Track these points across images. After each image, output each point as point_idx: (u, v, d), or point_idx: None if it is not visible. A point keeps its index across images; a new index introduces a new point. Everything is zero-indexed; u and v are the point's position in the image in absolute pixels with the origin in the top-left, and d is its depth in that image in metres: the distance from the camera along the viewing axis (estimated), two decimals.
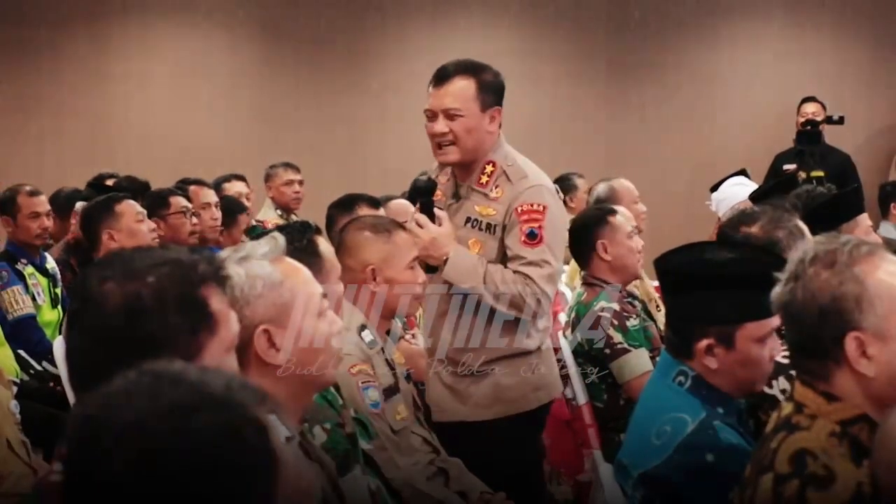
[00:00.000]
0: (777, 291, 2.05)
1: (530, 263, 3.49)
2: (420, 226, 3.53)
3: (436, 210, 3.57)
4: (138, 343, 1.69)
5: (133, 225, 4.79)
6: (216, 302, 1.76)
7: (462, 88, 3.57)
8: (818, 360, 2.00)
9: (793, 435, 1.98)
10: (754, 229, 3.38)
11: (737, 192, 5.56)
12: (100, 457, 1.20)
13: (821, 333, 1.98)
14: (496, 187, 3.58)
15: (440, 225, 3.54)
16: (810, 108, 8.39)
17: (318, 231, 2.96)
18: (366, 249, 3.40)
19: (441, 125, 3.55)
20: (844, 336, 1.96)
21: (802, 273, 2.01)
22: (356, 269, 3.39)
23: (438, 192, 3.66)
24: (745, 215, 3.56)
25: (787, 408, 2.05)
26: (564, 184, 7.45)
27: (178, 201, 5.53)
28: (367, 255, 3.39)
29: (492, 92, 3.63)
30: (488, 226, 3.57)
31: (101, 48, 9.32)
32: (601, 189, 5.80)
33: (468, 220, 3.60)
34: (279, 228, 3.02)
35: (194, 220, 5.61)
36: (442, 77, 3.61)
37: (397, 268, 3.39)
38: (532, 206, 3.54)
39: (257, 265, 2.24)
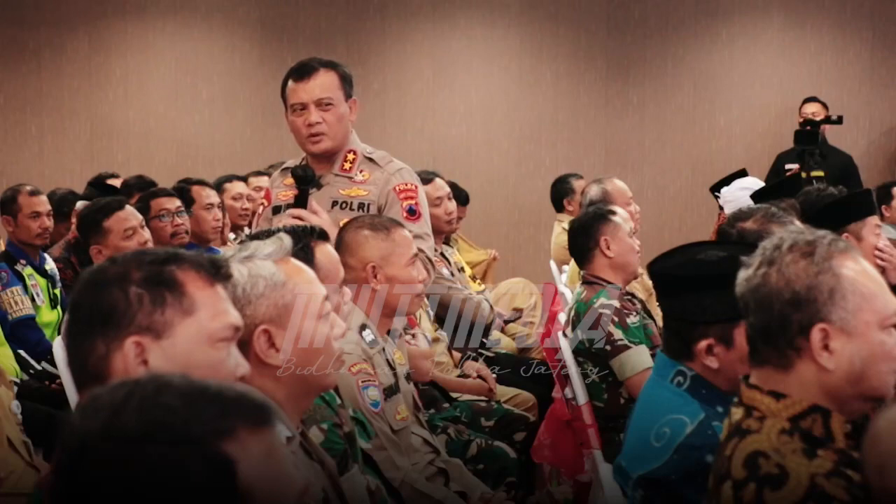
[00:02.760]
0: (746, 274, 2.06)
1: (417, 237, 3.66)
2: (301, 219, 3.59)
3: (310, 200, 3.70)
4: (101, 314, 1.73)
5: (120, 243, 4.70)
6: (196, 287, 1.76)
7: (329, 80, 3.78)
8: (779, 348, 2.00)
9: (744, 439, 1.98)
10: (749, 224, 3.46)
11: (745, 196, 5.56)
12: (57, 463, 1.22)
13: (790, 320, 1.98)
14: (360, 172, 3.82)
15: (315, 213, 3.67)
16: (811, 108, 8.39)
17: (322, 237, 2.89)
18: (365, 248, 3.42)
19: (315, 115, 3.76)
20: (812, 326, 1.97)
21: (779, 259, 2.01)
22: (357, 267, 3.40)
23: (290, 179, 3.84)
24: (742, 212, 3.70)
25: (737, 413, 2.06)
26: (563, 186, 7.44)
27: (159, 203, 5.44)
28: (367, 253, 3.41)
29: (349, 84, 3.84)
30: (361, 205, 3.78)
31: (101, 48, 9.32)
32: (594, 191, 5.78)
33: (335, 203, 3.81)
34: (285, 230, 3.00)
35: (178, 220, 5.48)
36: (307, 71, 3.80)
37: (397, 265, 3.42)
38: (407, 185, 3.82)
39: (261, 265, 2.23)
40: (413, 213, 3.79)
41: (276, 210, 3.88)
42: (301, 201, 3.70)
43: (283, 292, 2.22)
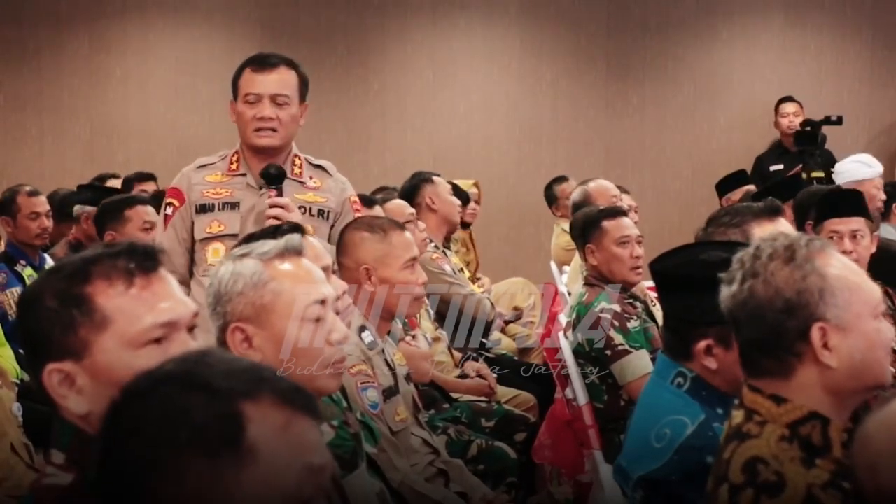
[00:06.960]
0: (731, 290, 2.06)
1: None
2: (287, 209, 3.48)
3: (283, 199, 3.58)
4: (27, 338, 1.72)
5: (137, 233, 4.71)
6: (106, 297, 1.68)
7: (289, 77, 3.67)
8: (777, 358, 2.01)
9: (744, 443, 1.99)
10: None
11: (857, 169, 5.78)
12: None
13: (786, 328, 1.99)
14: (311, 178, 3.71)
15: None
16: (790, 108, 8.42)
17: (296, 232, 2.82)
18: (361, 249, 3.42)
19: (269, 110, 3.62)
20: (810, 328, 1.98)
21: (762, 269, 2.03)
22: (352, 268, 3.40)
23: (217, 176, 3.76)
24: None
25: (737, 416, 2.06)
26: (548, 192, 7.46)
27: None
28: (362, 254, 3.41)
29: (306, 87, 3.72)
30: (320, 212, 3.66)
31: (101, 48, 9.32)
32: (576, 195, 5.76)
33: None
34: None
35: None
36: (268, 64, 3.69)
37: (392, 267, 3.41)
38: (356, 198, 3.78)
39: (246, 263, 2.22)
40: None
41: (205, 209, 3.68)
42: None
43: (263, 292, 2.19)
